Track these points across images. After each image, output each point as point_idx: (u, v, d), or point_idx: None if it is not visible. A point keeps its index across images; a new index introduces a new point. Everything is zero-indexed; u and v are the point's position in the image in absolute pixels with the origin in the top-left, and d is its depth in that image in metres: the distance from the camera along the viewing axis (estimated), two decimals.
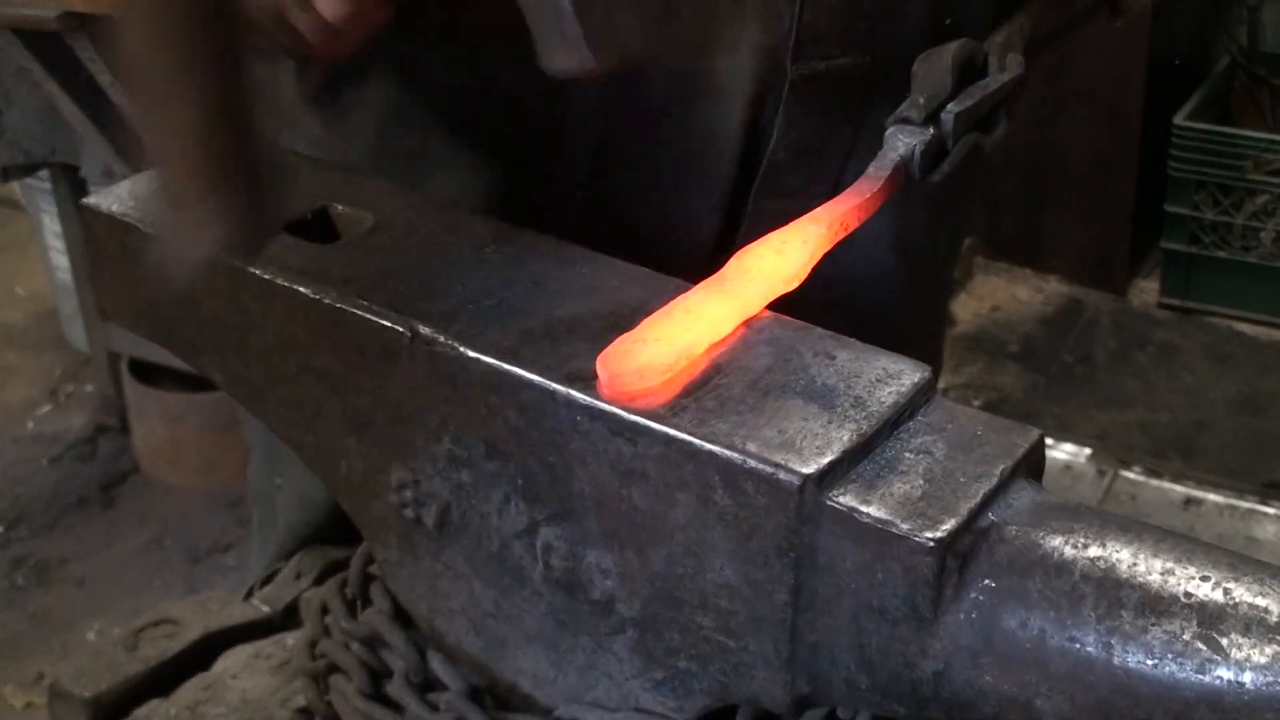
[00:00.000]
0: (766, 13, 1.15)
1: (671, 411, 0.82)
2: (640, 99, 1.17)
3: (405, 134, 1.22)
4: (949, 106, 1.01)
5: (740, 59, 1.16)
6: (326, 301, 0.93)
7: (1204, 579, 0.74)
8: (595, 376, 0.84)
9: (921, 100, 1.01)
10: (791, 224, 0.94)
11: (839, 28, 1.16)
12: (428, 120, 1.22)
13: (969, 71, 1.05)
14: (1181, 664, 0.72)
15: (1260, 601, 0.72)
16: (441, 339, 0.89)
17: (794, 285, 0.92)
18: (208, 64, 0.79)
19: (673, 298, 0.92)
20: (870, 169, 0.98)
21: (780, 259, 0.91)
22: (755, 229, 1.20)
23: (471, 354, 0.87)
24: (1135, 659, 0.73)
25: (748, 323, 0.89)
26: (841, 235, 0.95)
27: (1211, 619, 0.72)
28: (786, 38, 1.15)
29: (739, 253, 0.92)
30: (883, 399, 0.83)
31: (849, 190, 0.97)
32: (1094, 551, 0.76)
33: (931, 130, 1.00)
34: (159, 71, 0.80)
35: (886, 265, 1.32)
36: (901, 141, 0.99)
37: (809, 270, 0.92)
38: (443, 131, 1.22)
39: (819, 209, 0.95)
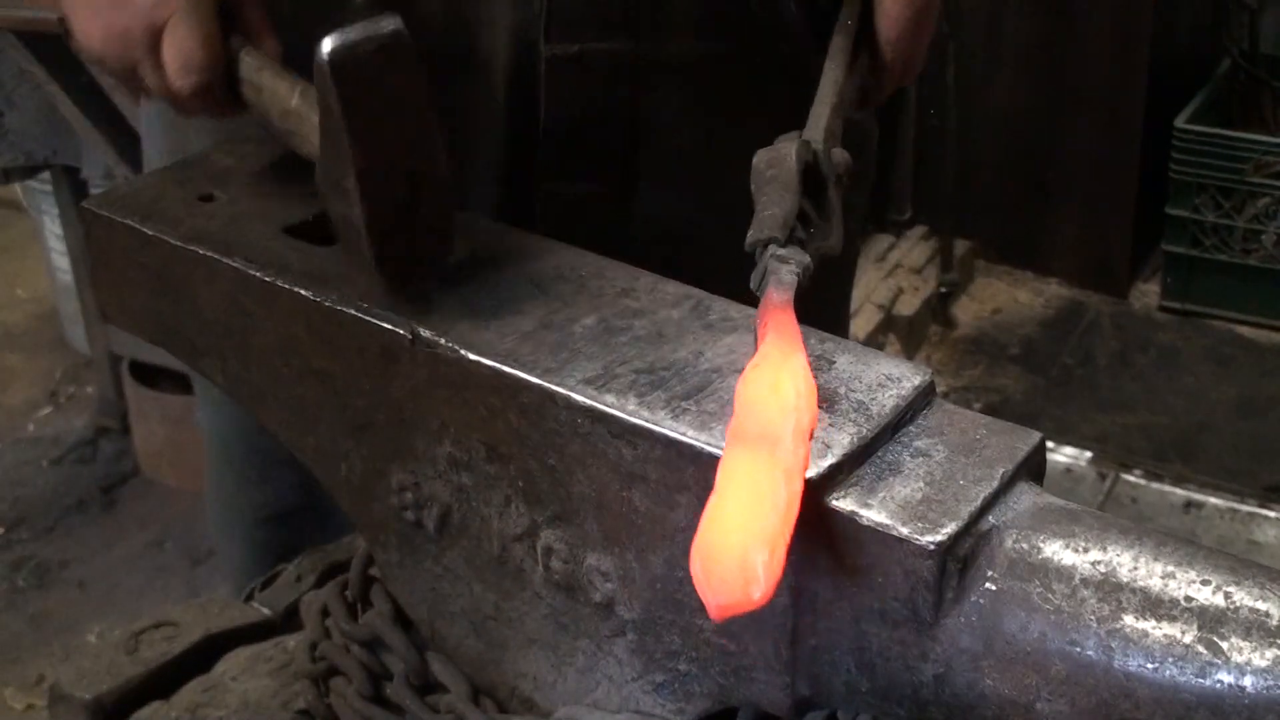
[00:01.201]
0: None
1: (672, 414, 0.82)
2: None
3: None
4: (798, 231, 0.92)
5: (496, 35, 1.17)
6: (327, 304, 0.93)
7: (1205, 583, 0.74)
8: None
9: (782, 215, 0.92)
10: (754, 361, 0.80)
11: (593, 12, 1.17)
12: None
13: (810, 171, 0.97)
14: (1182, 667, 0.72)
15: (1261, 605, 0.72)
16: (442, 341, 0.89)
17: (811, 410, 0.78)
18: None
19: (671, 301, 0.92)
20: (774, 297, 0.86)
21: (781, 398, 0.78)
22: (551, 212, 1.21)
23: (472, 356, 0.87)
24: (1136, 662, 0.73)
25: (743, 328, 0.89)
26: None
27: (1212, 623, 0.72)
28: (537, 18, 1.16)
29: (733, 428, 0.78)
30: (883, 402, 0.83)
31: (774, 323, 0.84)
32: (1095, 555, 0.76)
33: (802, 250, 0.90)
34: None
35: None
36: (785, 269, 0.88)
37: (815, 389, 0.80)
38: None
39: (768, 344, 0.81)
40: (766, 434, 0.76)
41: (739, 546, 0.71)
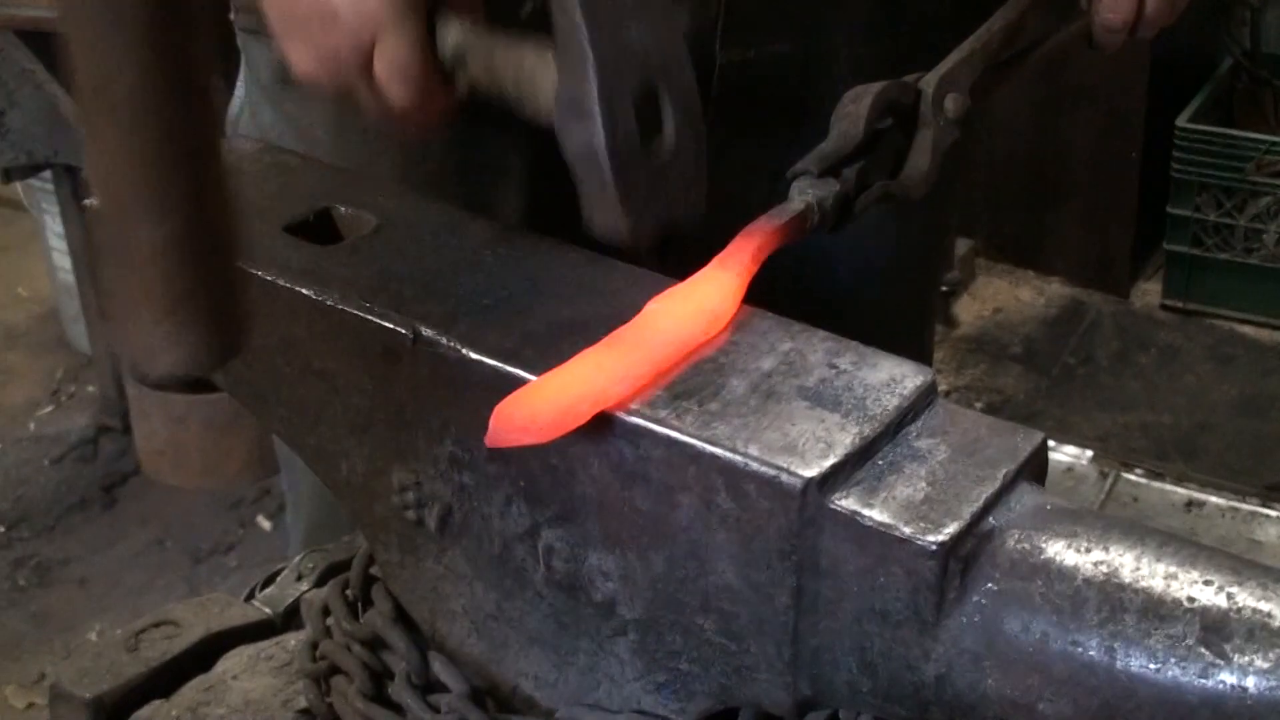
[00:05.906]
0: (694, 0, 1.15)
1: (674, 414, 0.82)
2: None
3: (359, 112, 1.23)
4: (845, 171, 0.97)
5: None
6: (329, 303, 0.93)
7: (1207, 583, 0.74)
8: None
9: (828, 149, 0.97)
10: (697, 274, 0.89)
11: (769, 15, 1.17)
12: None
13: (897, 112, 1.02)
14: (1184, 668, 0.72)
15: (1263, 606, 0.72)
16: (444, 340, 0.89)
17: (712, 333, 0.87)
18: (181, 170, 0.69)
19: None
20: (764, 217, 0.94)
21: (691, 306, 0.87)
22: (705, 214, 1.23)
23: (474, 355, 0.87)
24: (1138, 663, 0.72)
25: (744, 326, 0.89)
26: (749, 276, 0.90)
27: (1214, 623, 0.72)
28: (714, 25, 1.15)
29: (650, 303, 0.88)
30: (885, 402, 0.83)
31: (744, 234, 0.92)
32: (1097, 555, 0.76)
33: (836, 184, 0.96)
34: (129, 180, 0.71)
35: (870, 268, 1.32)
36: (799, 196, 0.96)
37: (729, 318, 0.88)
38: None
39: (721, 256, 0.90)
40: (639, 338, 0.84)
41: (543, 395, 0.81)
